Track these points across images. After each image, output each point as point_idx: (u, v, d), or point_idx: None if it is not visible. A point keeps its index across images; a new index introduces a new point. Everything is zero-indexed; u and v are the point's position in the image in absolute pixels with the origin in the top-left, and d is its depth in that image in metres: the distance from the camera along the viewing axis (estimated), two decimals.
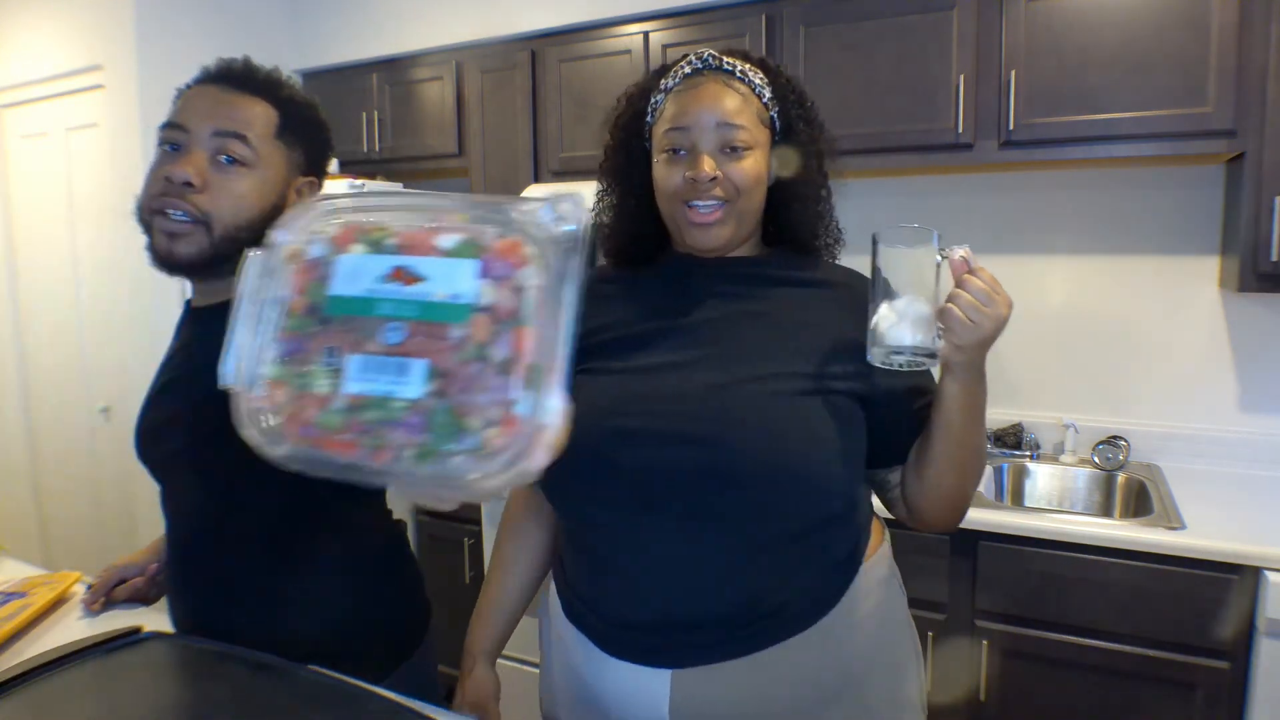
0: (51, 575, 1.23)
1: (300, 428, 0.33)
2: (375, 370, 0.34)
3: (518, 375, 0.33)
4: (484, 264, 0.34)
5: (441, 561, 2.48)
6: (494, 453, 0.32)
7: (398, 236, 0.36)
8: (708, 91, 0.91)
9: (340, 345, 0.34)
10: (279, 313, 0.34)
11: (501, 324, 0.34)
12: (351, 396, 0.33)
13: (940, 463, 0.89)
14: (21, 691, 0.82)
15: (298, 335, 0.34)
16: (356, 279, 0.34)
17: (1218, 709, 1.58)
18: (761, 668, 0.85)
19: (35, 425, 3.18)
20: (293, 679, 0.85)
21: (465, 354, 0.33)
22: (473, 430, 0.33)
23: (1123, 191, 2.16)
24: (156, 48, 2.60)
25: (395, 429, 0.33)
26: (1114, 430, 2.14)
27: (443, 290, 0.34)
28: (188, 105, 0.98)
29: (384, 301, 0.35)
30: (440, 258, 0.34)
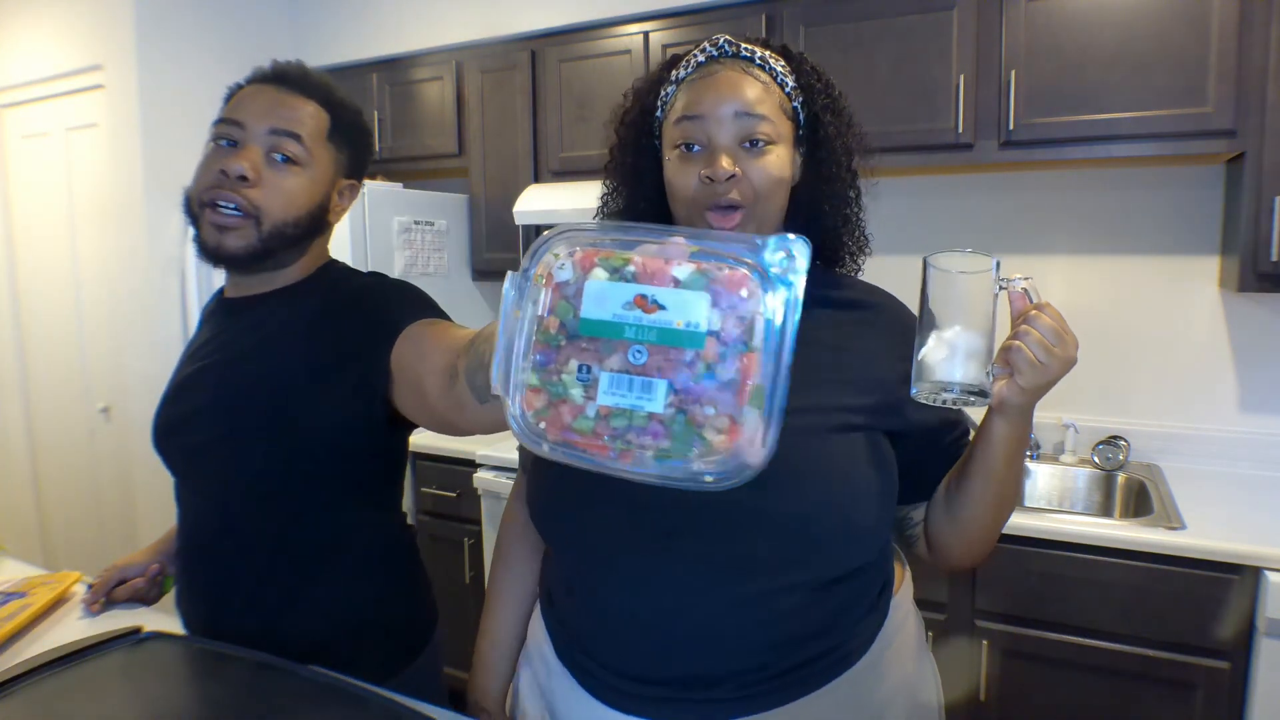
0: (51, 575, 1.23)
1: (560, 430, 0.40)
2: (624, 387, 0.40)
3: (743, 394, 0.40)
4: (713, 295, 0.41)
5: (441, 561, 2.48)
6: (720, 455, 0.40)
7: (636, 265, 0.42)
8: (725, 79, 0.81)
9: (592, 362, 0.41)
10: (533, 328, 0.41)
11: (728, 348, 0.40)
12: (601, 407, 0.40)
13: (977, 505, 0.83)
14: (21, 691, 0.82)
15: (549, 349, 0.41)
16: (604, 304, 0.41)
17: (1218, 709, 1.58)
18: (794, 717, 0.78)
19: (35, 425, 3.18)
20: (294, 679, 0.85)
21: (697, 374, 0.40)
22: (704, 437, 0.40)
23: (1123, 191, 2.16)
24: (156, 48, 2.60)
25: (640, 435, 0.40)
26: (1114, 430, 2.14)
27: (679, 319, 0.41)
28: (244, 103, 0.99)
29: (629, 326, 0.41)
30: (676, 288, 0.41)
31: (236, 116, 0.97)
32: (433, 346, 0.86)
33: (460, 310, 2.74)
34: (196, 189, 0.97)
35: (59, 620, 1.12)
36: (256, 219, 0.95)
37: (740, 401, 0.40)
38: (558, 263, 0.43)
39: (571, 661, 0.86)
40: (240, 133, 0.97)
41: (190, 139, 2.68)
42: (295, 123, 0.98)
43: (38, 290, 3.07)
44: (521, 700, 0.93)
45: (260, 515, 0.98)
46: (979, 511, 0.84)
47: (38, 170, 2.98)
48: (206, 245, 0.97)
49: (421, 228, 2.60)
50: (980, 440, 0.80)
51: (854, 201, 0.89)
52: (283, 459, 0.96)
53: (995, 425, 0.78)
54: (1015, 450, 0.79)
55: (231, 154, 0.95)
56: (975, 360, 0.71)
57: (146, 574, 1.18)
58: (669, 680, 0.78)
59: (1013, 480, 0.82)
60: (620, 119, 0.93)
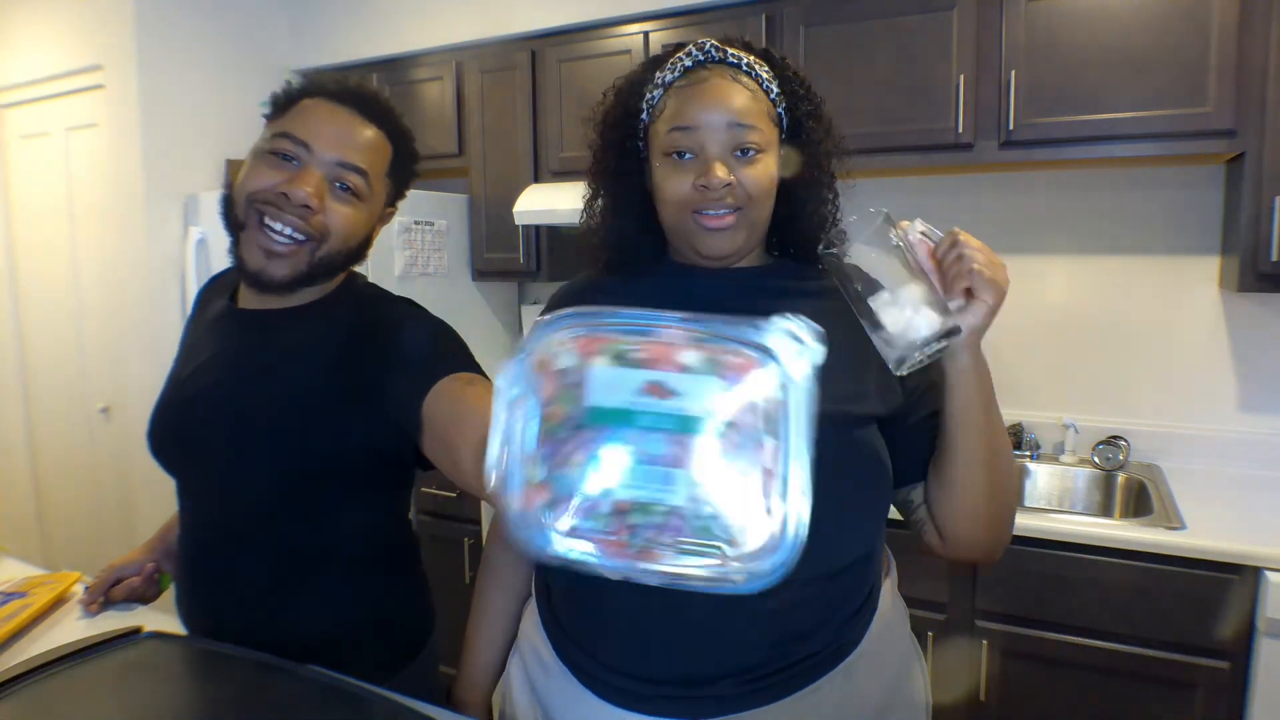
0: (51, 575, 1.23)
1: (566, 528, 0.36)
2: (642, 479, 0.37)
3: (765, 485, 0.37)
4: (727, 381, 0.38)
5: (441, 561, 2.48)
6: (744, 548, 0.37)
7: (641, 351, 0.39)
8: (714, 88, 0.82)
9: (603, 453, 0.37)
10: (531, 420, 0.37)
11: (746, 437, 0.37)
12: (618, 501, 0.37)
13: (968, 465, 0.80)
14: (21, 691, 0.82)
15: (553, 440, 0.37)
16: (614, 390, 0.38)
17: (1218, 709, 1.58)
18: (786, 714, 0.79)
19: (35, 425, 3.18)
20: (293, 679, 0.85)
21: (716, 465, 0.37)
22: (728, 531, 0.37)
23: (1123, 191, 2.16)
24: (156, 48, 2.60)
25: (660, 531, 0.36)
26: (1114, 430, 2.14)
27: (695, 405, 0.38)
28: (313, 124, 0.93)
29: (643, 414, 0.38)
30: (687, 374, 0.38)
31: (304, 137, 0.92)
32: (468, 417, 0.81)
33: (460, 310, 2.74)
34: (247, 194, 0.92)
35: (59, 620, 1.12)
36: (314, 246, 0.92)
37: (761, 491, 0.38)
38: (557, 348, 0.39)
39: (570, 661, 0.86)
40: (306, 154, 0.92)
41: (190, 139, 2.68)
42: (363, 157, 0.94)
43: (38, 290, 3.07)
44: (513, 697, 0.94)
45: (271, 523, 0.97)
46: (970, 472, 0.80)
47: (38, 170, 2.98)
48: (248, 267, 0.93)
49: (421, 228, 2.60)
50: (952, 392, 0.78)
51: (832, 202, 0.90)
52: (300, 474, 0.94)
53: (962, 365, 0.76)
54: (988, 392, 0.78)
55: (294, 176, 0.91)
56: (929, 306, 0.71)
57: (143, 573, 1.17)
58: (670, 678, 0.79)
59: (993, 428, 0.79)
60: (602, 120, 0.92)
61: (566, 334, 0.40)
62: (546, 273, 2.62)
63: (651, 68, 0.89)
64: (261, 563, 0.98)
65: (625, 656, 0.81)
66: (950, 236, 0.74)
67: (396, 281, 2.49)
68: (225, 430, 0.97)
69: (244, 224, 0.93)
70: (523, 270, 2.65)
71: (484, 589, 1.02)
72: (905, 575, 1.00)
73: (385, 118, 0.98)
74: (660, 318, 0.40)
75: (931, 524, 0.86)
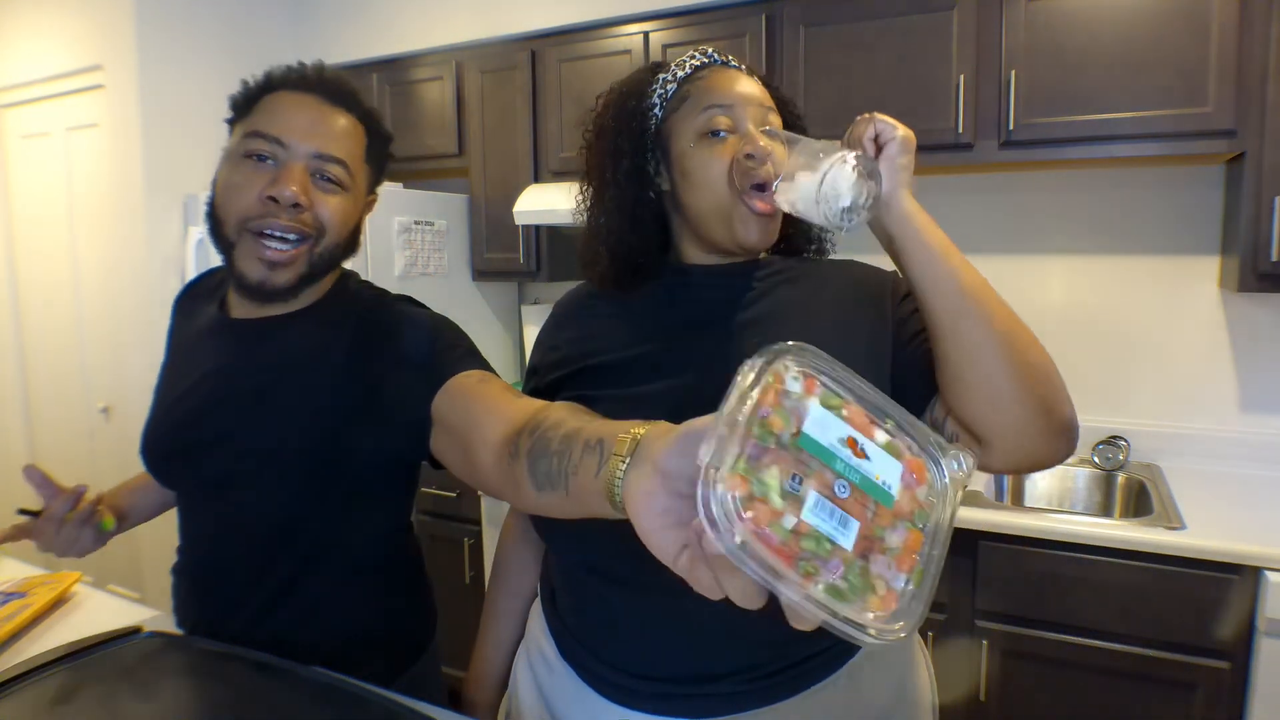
0: (51, 575, 1.23)
1: (754, 527, 0.39)
2: (826, 513, 0.41)
3: (903, 564, 0.42)
4: (903, 468, 0.44)
5: (441, 561, 2.48)
6: (875, 609, 0.40)
7: (847, 410, 0.44)
8: (736, 74, 0.86)
9: (803, 476, 0.41)
10: (752, 420, 0.41)
11: (900, 520, 0.42)
12: (801, 523, 0.40)
13: (955, 327, 0.73)
14: (21, 691, 0.82)
15: (760, 445, 0.41)
16: (824, 430, 0.42)
17: (1218, 709, 1.58)
18: (792, 713, 0.79)
19: (35, 425, 3.18)
20: (294, 679, 0.85)
21: (875, 530, 0.41)
22: (875, 590, 0.41)
23: (1123, 191, 2.16)
24: (156, 48, 2.60)
25: (823, 564, 0.40)
26: (1114, 430, 2.14)
27: (879, 474, 0.43)
28: (283, 117, 0.90)
29: (840, 460, 0.42)
30: (877, 446, 0.44)
31: (277, 133, 0.88)
32: (485, 415, 0.80)
33: (460, 310, 2.74)
34: (236, 213, 0.88)
35: (59, 620, 1.12)
36: (312, 244, 0.90)
37: (900, 569, 0.41)
38: (790, 373, 0.43)
39: (575, 660, 0.86)
40: (282, 151, 0.88)
41: (190, 139, 2.68)
42: (340, 146, 0.91)
43: (38, 290, 3.07)
44: (519, 696, 0.94)
45: (279, 538, 0.95)
46: (964, 333, 0.73)
47: (38, 170, 2.98)
48: (249, 279, 0.89)
49: (421, 228, 2.60)
50: (905, 252, 0.76)
51: None
52: (311, 490, 0.93)
53: (900, 211, 0.76)
54: (943, 239, 0.76)
55: (277, 176, 0.87)
56: (844, 162, 0.71)
57: (78, 507, 1.03)
58: (676, 677, 0.79)
59: (974, 283, 0.74)
60: (605, 123, 0.90)
61: (797, 366, 0.44)
62: (546, 273, 2.62)
63: (652, 71, 0.89)
64: (265, 573, 0.97)
65: (630, 656, 0.81)
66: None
67: (396, 281, 2.49)
68: (231, 447, 0.94)
69: (235, 242, 0.90)
70: (523, 270, 2.65)
71: (493, 592, 1.04)
72: None
73: (353, 102, 0.95)
74: (865, 389, 0.45)
75: (966, 434, 0.77)
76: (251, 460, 0.93)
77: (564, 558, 0.89)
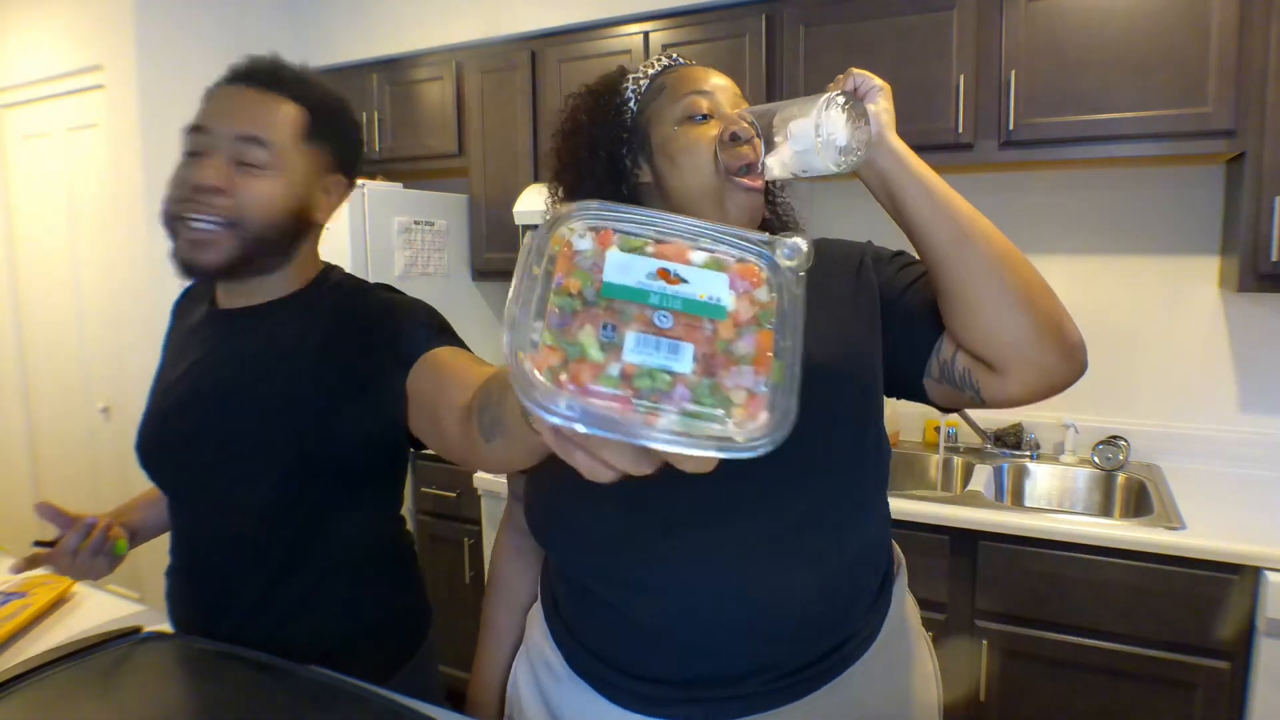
0: (51, 575, 1.23)
1: (576, 386, 0.39)
2: (651, 347, 0.40)
3: (761, 366, 0.41)
4: (730, 278, 0.43)
5: (441, 561, 2.48)
6: (741, 420, 0.40)
7: (653, 247, 0.43)
8: (708, 69, 0.88)
9: (616, 323, 0.40)
10: (546, 291, 0.41)
11: (744, 327, 0.42)
12: (626, 365, 0.40)
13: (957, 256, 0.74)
14: (21, 691, 0.82)
15: (565, 312, 0.41)
16: (628, 272, 0.42)
17: (1218, 709, 1.58)
18: (813, 710, 0.79)
19: (35, 425, 3.18)
20: (293, 679, 0.85)
21: (718, 346, 0.41)
22: (732, 401, 0.40)
23: (1123, 191, 2.16)
24: (156, 48, 2.60)
25: (666, 398, 0.39)
26: (1114, 430, 2.14)
27: (703, 292, 0.42)
28: (211, 106, 0.94)
29: (654, 293, 0.42)
30: (694, 268, 0.43)
31: (203, 122, 0.93)
32: (451, 383, 0.83)
33: (460, 310, 2.74)
34: (169, 202, 0.93)
35: (59, 620, 1.12)
36: (235, 228, 0.91)
37: (759, 373, 0.41)
38: (576, 233, 0.43)
39: (586, 671, 0.85)
40: (206, 140, 0.92)
41: None
42: (263, 126, 0.92)
43: (38, 290, 3.07)
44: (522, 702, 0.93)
45: (267, 529, 0.96)
46: (964, 261, 0.74)
47: (38, 170, 2.98)
48: (181, 260, 0.93)
49: (421, 228, 2.60)
50: (899, 189, 0.76)
51: (779, 192, 0.96)
52: (292, 471, 0.94)
53: (890, 147, 0.76)
54: (932, 174, 0.77)
55: (199, 164, 0.91)
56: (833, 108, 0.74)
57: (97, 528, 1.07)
58: (697, 679, 0.79)
59: (966, 211, 0.76)
60: (591, 112, 0.89)
61: (582, 224, 0.43)
62: None
63: (621, 73, 0.91)
64: (256, 566, 0.97)
65: (649, 662, 0.80)
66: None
67: (396, 281, 2.49)
68: (217, 435, 0.96)
69: (171, 229, 0.93)
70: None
71: (490, 605, 1.02)
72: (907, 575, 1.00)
73: (293, 85, 0.96)
74: (671, 219, 0.44)
75: (979, 364, 0.78)
76: (236, 448, 0.95)
77: (569, 566, 0.88)
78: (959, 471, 2.22)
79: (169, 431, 1.00)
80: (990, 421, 2.25)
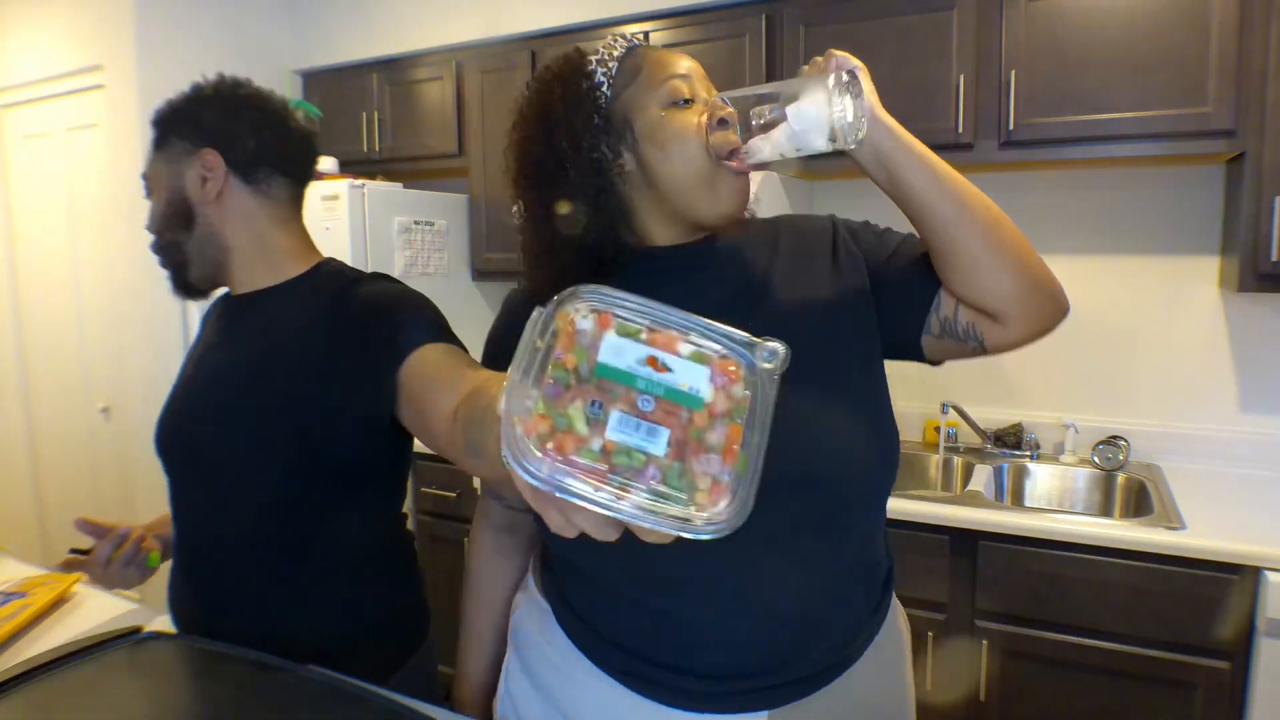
0: (51, 575, 1.23)
1: (559, 455, 0.43)
2: (631, 427, 0.44)
3: (728, 457, 0.45)
4: (711, 372, 0.46)
5: (441, 561, 2.48)
6: (703, 504, 0.44)
7: (646, 334, 0.47)
8: (675, 51, 0.85)
9: (604, 401, 0.44)
10: (546, 362, 0.45)
11: (717, 419, 0.46)
12: (607, 441, 0.43)
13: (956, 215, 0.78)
14: (21, 691, 0.82)
15: (559, 384, 0.44)
16: (621, 356, 0.46)
17: (1218, 709, 1.58)
18: (848, 689, 0.82)
19: (35, 425, 3.18)
20: (293, 679, 0.85)
21: (691, 433, 0.45)
22: (697, 487, 0.44)
23: (1123, 192, 2.16)
24: (156, 48, 2.60)
25: (638, 475, 0.43)
26: (1114, 430, 2.14)
27: (685, 381, 0.46)
28: None
29: (640, 378, 0.45)
30: (680, 359, 0.47)
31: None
32: (441, 386, 0.85)
33: (460, 310, 2.74)
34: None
35: (59, 620, 1.12)
36: (160, 246, 1.08)
37: (726, 464, 0.44)
38: (580, 314, 0.46)
39: (624, 670, 0.83)
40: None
41: None
42: (146, 167, 1.08)
43: (38, 290, 3.07)
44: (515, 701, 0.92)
45: (267, 519, 0.97)
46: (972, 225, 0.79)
47: (38, 170, 2.98)
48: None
49: (421, 228, 2.60)
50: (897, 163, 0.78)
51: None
52: (294, 466, 0.95)
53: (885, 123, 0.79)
54: (919, 143, 0.80)
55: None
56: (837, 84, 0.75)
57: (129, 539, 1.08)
58: (758, 670, 0.79)
59: (959, 176, 0.80)
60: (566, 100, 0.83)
61: (586, 305, 0.47)
62: None
63: (580, 55, 0.86)
64: (256, 562, 0.98)
65: (709, 660, 0.79)
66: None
67: None
68: (224, 420, 0.98)
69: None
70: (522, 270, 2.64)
71: (472, 606, 1.03)
72: (905, 575, 1.00)
73: (155, 122, 1.07)
74: (667, 311, 0.48)
75: (981, 317, 0.83)
76: (234, 434, 0.97)
77: (603, 572, 0.84)
78: (959, 471, 2.22)
79: (184, 413, 1.05)
80: (990, 421, 2.25)
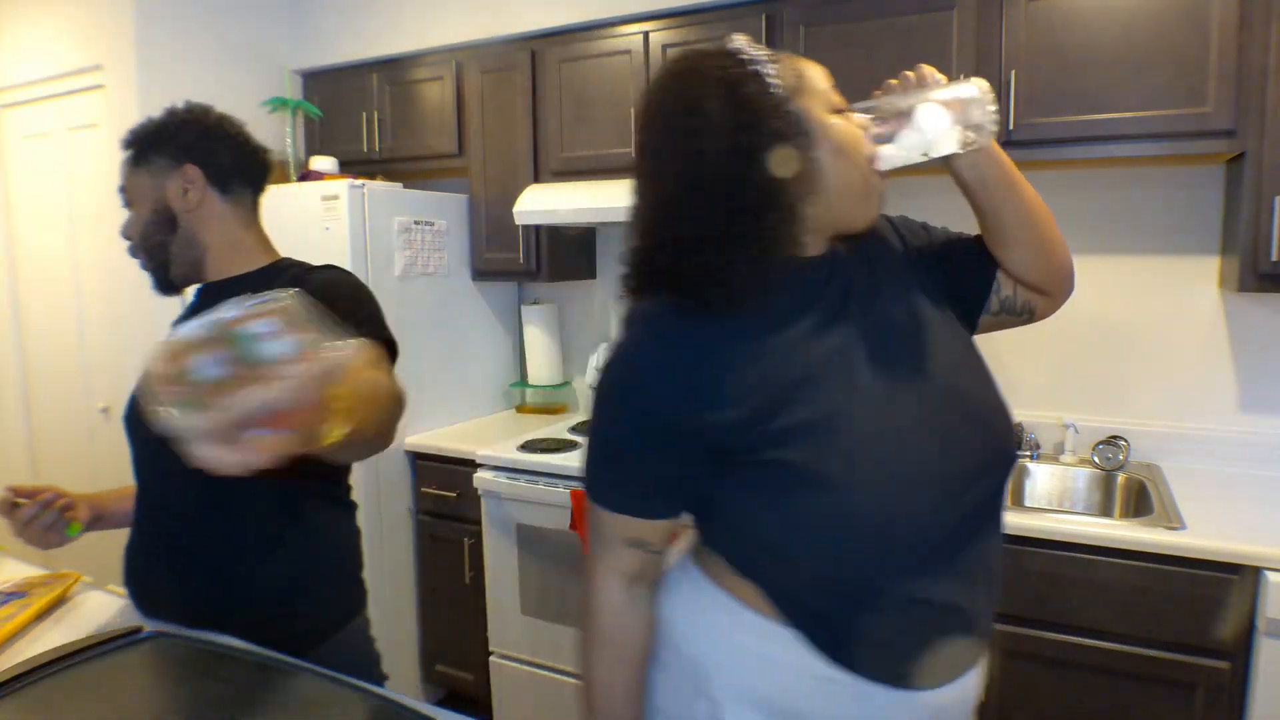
0: (51, 575, 1.23)
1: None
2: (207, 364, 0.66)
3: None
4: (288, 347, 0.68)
5: (441, 561, 2.48)
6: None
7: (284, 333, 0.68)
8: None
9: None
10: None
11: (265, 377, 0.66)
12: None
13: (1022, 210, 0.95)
14: (21, 691, 0.82)
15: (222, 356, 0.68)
16: (260, 343, 0.68)
17: (1218, 709, 1.58)
18: (970, 686, 0.96)
19: (35, 425, 3.18)
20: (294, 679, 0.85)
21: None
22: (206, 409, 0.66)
23: (1123, 192, 2.16)
24: (156, 48, 2.60)
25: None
26: (1114, 430, 2.14)
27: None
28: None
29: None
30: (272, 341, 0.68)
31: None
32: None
33: (460, 310, 2.74)
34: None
35: (59, 620, 1.12)
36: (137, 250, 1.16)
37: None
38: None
39: (888, 673, 0.86)
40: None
41: None
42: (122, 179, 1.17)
43: (38, 290, 3.07)
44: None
45: (223, 493, 0.99)
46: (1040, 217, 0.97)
47: (38, 170, 2.98)
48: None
49: (421, 228, 2.60)
50: (991, 164, 0.92)
51: None
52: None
53: (986, 149, 0.91)
54: (999, 149, 0.94)
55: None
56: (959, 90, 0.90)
57: (53, 506, 1.14)
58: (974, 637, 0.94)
59: (1022, 178, 0.95)
60: (751, 104, 0.77)
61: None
62: (546, 273, 2.62)
63: (730, 56, 0.80)
64: (217, 534, 1.06)
65: (947, 637, 0.92)
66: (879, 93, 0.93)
67: (396, 281, 2.49)
68: None
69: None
70: (523, 270, 2.65)
71: (611, 666, 0.90)
72: None
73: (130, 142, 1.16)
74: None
75: (1034, 293, 0.99)
76: None
77: (849, 579, 0.84)
78: None
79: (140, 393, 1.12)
80: None
